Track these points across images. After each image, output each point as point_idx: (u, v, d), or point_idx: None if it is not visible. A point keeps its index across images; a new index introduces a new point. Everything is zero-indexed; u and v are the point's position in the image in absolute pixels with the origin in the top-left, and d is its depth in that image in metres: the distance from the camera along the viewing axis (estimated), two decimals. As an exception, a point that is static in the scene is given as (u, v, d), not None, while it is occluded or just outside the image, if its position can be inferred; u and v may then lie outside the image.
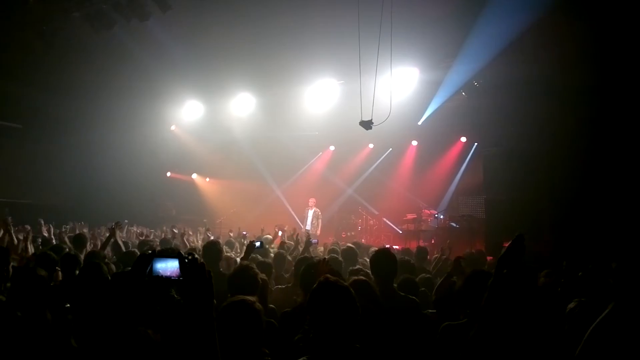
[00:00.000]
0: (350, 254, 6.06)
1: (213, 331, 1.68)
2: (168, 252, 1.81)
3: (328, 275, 2.40)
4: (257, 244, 5.39)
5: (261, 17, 10.94)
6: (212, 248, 5.21)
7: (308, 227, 14.01)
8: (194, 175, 19.35)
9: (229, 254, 6.68)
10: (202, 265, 1.70)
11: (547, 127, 10.42)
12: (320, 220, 14.43)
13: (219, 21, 11.08)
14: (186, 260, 1.68)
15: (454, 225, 13.89)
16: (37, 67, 12.13)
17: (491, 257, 7.35)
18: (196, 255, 1.75)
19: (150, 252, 1.90)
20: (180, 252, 1.73)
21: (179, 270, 1.70)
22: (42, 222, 8.14)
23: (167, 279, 1.76)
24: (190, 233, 11.07)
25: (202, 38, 11.98)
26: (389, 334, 3.14)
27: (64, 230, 9.90)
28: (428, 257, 7.57)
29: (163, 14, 10.34)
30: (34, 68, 12.17)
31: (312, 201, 14.69)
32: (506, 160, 11.43)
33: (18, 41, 11.12)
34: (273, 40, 11.58)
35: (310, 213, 14.45)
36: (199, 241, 9.70)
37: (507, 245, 2.68)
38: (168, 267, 1.75)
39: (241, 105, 15.41)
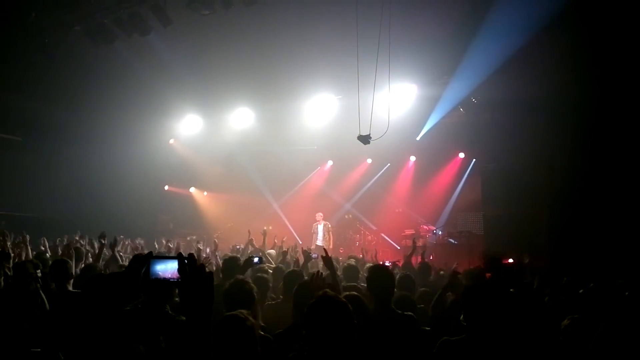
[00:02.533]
0: (352, 271, 5.84)
1: (209, 333, 1.66)
2: (166, 255, 1.81)
3: (327, 290, 2.39)
4: (256, 259, 5.36)
5: (260, 32, 11.02)
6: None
7: (319, 242, 13.90)
8: (192, 189, 19.33)
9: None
10: (201, 266, 1.70)
11: (545, 142, 10.47)
12: (331, 234, 14.39)
13: (219, 36, 11.16)
14: (185, 261, 1.67)
15: (452, 241, 13.85)
16: (38, 80, 12.17)
17: (489, 274, 7.30)
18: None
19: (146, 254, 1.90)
20: (180, 253, 1.72)
21: (178, 271, 1.69)
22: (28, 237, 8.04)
23: (166, 281, 1.76)
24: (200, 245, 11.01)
25: (202, 53, 12.07)
26: (382, 350, 3.12)
27: (58, 243, 9.84)
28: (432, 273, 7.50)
29: (164, 28, 10.42)
30: (34, 81, 12.21)
31: (319, 215, 14.65)
32: (504, 176, 11.44)
33: (19, 54, 11.18)
34: (272, 55, 11.66)
35: (320, 227, 14.39)
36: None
37: (505, 262, 2.72)
38: (168, 268, 1.75)
39: (240, 120, 15.47)
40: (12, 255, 6.04)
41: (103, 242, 6.71)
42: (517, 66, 10.22)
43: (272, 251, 8.80)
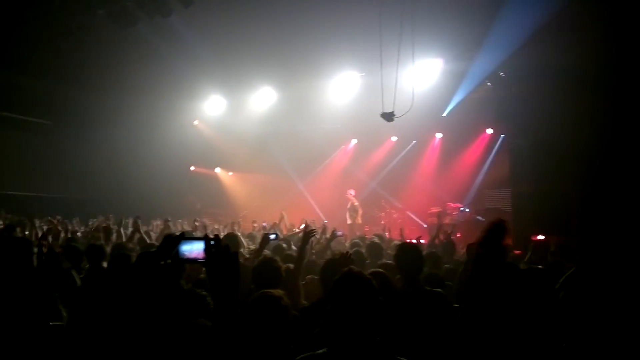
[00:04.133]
0: (376, 249, 5.96)
1: (237, 312, 1.71)
2: (194, 236, 1.84)
3: (352, 267, 2.37)
4: (272, 236, 5.39)
5: (282, 10, 10.90)
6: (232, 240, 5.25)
7: (348, 221, 14.08)
8: (217, 169, 19.52)
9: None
10: (226, 246, 1.73)
11: (576, 116, 10.13)
12: (357, 213, 14.37)
13: (241, 15, 11.08)
14: (211, 242, 1.72)
15: (480, 218, 13.67)
16: (64, 65, 12.35)
17: (519, 252, 7.19)
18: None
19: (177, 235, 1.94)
20: (206, 235, 1.75)
21: (204, 252, 1.74)
22: (59, 218, 8.30)
23: (192, 260, 1.82)
24: (216, 226, 11.18)
25: (223, 32, 12.00)
26: (412, 326, 3.10)
27: (90, 224, 10.10)
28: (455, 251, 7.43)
29: (185, 9, 10.42)
30: (62, 66, 12.39)
31: (348, 193, 14.70)
32: (534, 152, 11.17)
33: (45, 40, 11.32)
34: (294, 33, 11.52)
35: (349, 206, 14.48)
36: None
37: (535, 239, 2.66)
38: (194, 249, 1.80)
39: (263, 99, 15.46)
40: (45, 235, 6.23)
41: (136, 223, 6.91)
42: (547, 37, 9.84)
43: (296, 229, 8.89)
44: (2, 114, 14.02)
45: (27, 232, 7.21)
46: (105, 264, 5.03)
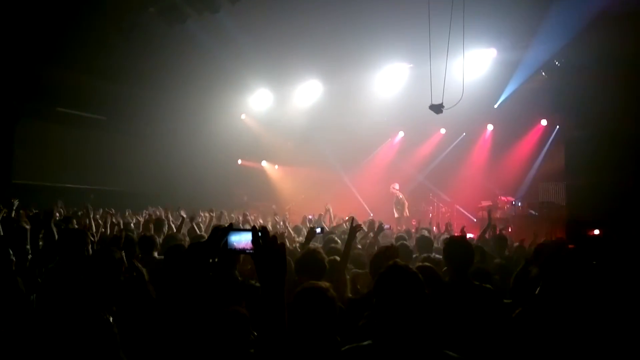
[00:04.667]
0: (425, 242, 5.92)
1: (283, 303, 1.72)
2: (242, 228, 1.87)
3: (397, 260, 2.33)
4: (318, 230, 5.37)
5: (329, 2, 10.84)
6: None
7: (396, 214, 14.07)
8: (264, 163, 19.76)
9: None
10: (273, 237, 1.74)
11: (634, 106, 9.60)
12: (404, 206, 14.33)
13: (286, 9, 11.11)
14: (259, 234, 1.74)
15: (533, 212, 13.24)
16: (117, 62, 12.79)
17: (573, 246, 6.88)
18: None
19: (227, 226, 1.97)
20: (254, 226, 1.76)
21: (251, 243, 1.76)
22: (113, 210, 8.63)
23: (241, 251, 1.85)
24: (260, 221, 11.31)
25: (270, 27, 12.08)
26: (460, 320, 3.04)
27: (144, 215, 10.44)
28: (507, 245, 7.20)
29: (232, 5, 10.57)
30: (114, 63, 12.84)
31: (392, 187, 14.69)
32: (590, 143, 10.71)
33: (99, 38, 11.75)
34: (341, 25, 11.46)
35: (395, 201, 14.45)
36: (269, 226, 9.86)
37: (591, 233, 2.56)
38: (242, 239, 1.83)
39: (309, 93, 15.48)
40: (100, 225, 6.49)
41: (184, 215, 7.11)
42: (605, 25, 9.35)
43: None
44: (58, 110, 14.70)
45: (83, 223, 7.53)
46: (156, 254, 5.18)
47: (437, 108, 9.00)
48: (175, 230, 7.11)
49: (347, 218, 10.10)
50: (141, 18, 11.52)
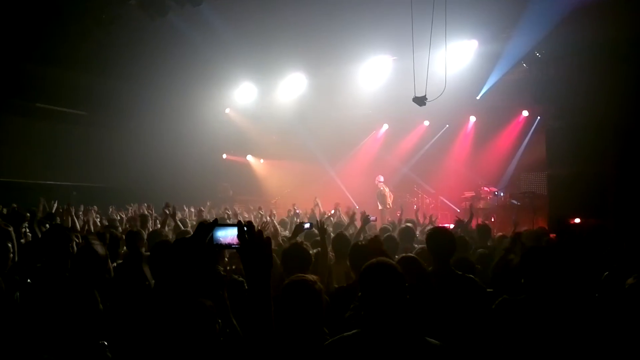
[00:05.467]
0: (408, 234, 5.99)
1: (269, 297, 1.74)
2: (227, 222, 1.88)
3: (380, 258, 2.40)
4: (307, 225, 5.38)
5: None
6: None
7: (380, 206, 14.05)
8: (249, 157, 19.70)
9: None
10: (259, 232, 1.76)
11: (614, 97, 9.76)
12: (387, 198, 14.32)
13: (270, 1, 11.06)
14: (244, 228, 1.75)
15: (515, 202, 13.43)
16: (98, 55, 12.61)
17: (554, 235, 7.02)
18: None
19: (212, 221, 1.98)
20: (239, 221, 1.78)
21: (237, 238, 1.77)
22: (96, 208, 8.54)
23: (226, 246, 1.88)
24: (245, 215, 11.30)
25: (253, 19, 12.01)
26: (443, 309, 3.11)
27: (130, 211, 10.38)
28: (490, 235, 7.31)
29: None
30: (95, 57, 12.65)
31: (376, 179, 14.66)
32: (571, 134, 10.85)
33: (79, 31, 11.54)
34: (325, 18, 11.42)
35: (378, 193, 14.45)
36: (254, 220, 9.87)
37: (572, 222, 2.62)
38: (228, 234, 1.86)
39: (293, 86, 15.44)
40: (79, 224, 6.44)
41: (168, 211, 7.07)
42: (585, 16, 9.47)
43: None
44: (38, 105, 14.46)
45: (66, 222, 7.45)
46: (143, 250, 5.17)
47: (420, 100, 9.06)
48: (160, 225, 7.09)
49: (332, 212, 10.16)
50: (122, 10, 11.36)
